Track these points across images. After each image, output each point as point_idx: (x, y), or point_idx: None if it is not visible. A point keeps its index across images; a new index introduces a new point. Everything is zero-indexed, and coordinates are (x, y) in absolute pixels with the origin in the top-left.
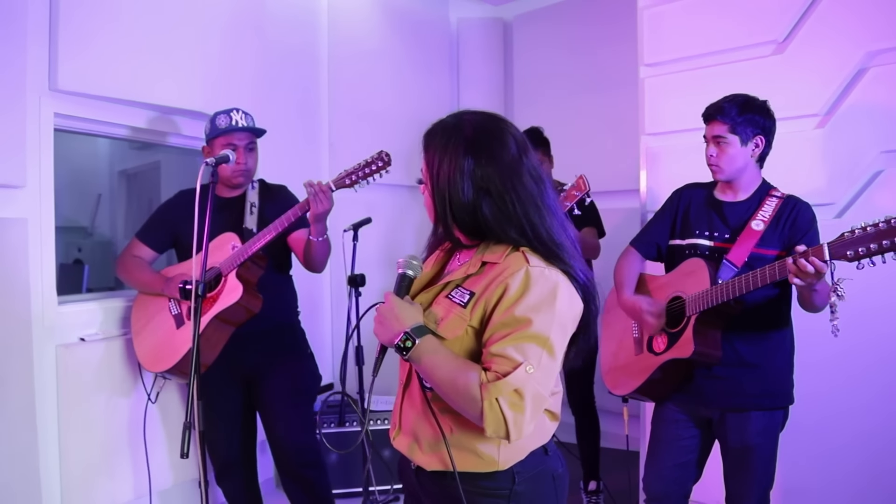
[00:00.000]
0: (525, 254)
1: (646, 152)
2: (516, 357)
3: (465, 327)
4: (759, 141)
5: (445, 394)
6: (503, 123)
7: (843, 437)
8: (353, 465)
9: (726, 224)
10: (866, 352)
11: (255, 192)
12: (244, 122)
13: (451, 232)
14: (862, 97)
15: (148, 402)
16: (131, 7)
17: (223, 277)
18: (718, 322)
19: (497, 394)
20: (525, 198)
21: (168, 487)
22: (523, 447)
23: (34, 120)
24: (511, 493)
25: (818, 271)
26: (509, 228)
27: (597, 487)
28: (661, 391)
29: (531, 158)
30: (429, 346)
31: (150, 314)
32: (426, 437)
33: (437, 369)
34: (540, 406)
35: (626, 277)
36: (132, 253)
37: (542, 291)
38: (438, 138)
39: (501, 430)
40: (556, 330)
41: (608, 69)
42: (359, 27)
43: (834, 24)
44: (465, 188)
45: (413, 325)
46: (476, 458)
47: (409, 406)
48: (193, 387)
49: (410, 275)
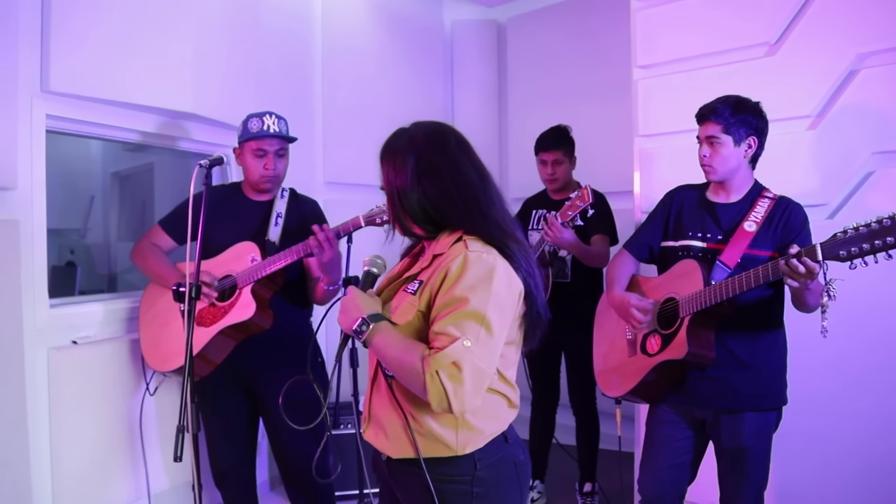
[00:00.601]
0: (465, 241)
1: (639, 154)
2: (454, 333)
3: (415, 312)
4: (751, 142)
5: (396, 372)
6: (446, 127)
7: (837, 437)
8: (347, 468)
9: (719, 225)
10: (860, 353)
11: (283, 201)
12: (276, 128)
13: (408, 227)
14: (854, 99)
15: (144, 399)
16: (124, 9)
17: (238, 290)
18: (712, 323)
19: (436, 366)
20: (463, 182)
21: (164, 490)
22: (480, 432)
23: (26, 121)
24: (473, 478)
25: (810, 271)
26: (449, 207)
27: (592, 489)
28: (654, 392)
29: (473, 157)
30: (381, 329)
31: (159, 310)
32: (392, 426)
33: (388, 349)
34: (481, 380)
35: (616, 276)
36: (151, 240)
37: (478, 272)
38: (388, 147)
39: (444, 402)
40: (494, 308)
41: (602, 71)
42: (353, 29)
43: (826, 26)
44: (410, 179)
45: (370, 313)
46: (436, 443)
47: (376, 399)
48: (186, 390)
49: (374, 272)
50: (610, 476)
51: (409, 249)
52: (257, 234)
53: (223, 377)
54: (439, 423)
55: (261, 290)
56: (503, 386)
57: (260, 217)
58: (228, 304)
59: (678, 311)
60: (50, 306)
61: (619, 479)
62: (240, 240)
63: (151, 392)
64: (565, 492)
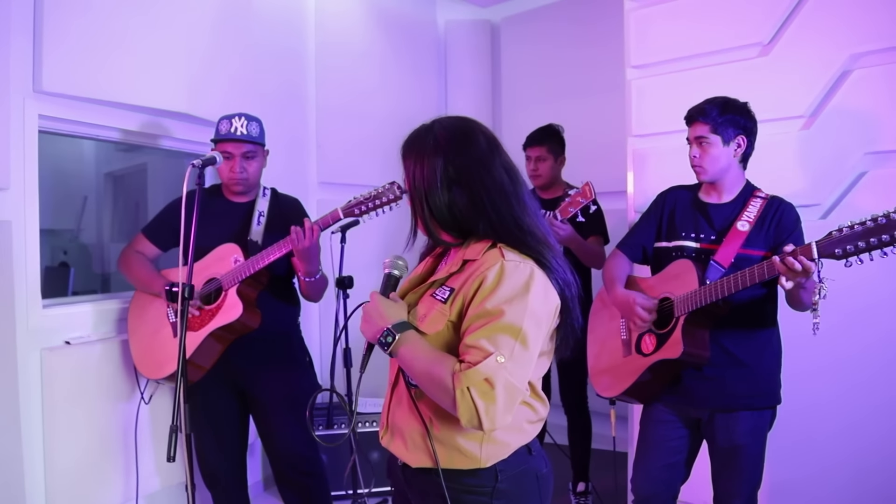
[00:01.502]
0: (501, 249)
1: (633, 154)
2: (488, 347)
3: (445, 322)
4: (741, 141)
5: (423, 385)
6: (473, 123)
7: (831, 437)
8: (340, 467)
9: (712, 225)
10: (855, 355)
11: (265, 200)
12: (244, 131)
13: (435, 233)
14: (846, 99)
15: (140, 404)
16: (117, 8)
17: (224, 292)
18: (707, 322)
19: (468, 383)
20: (494, 188)
21: (156, 491)
22: (506, 445)
23: (18, 122)
24: (494, 490)
25: (806, 269)
26: (480, 218)
27: (585, 489)
28: (649, 392)
29: (503, 155)
30: (408, 340)
31: (147, 318)
32: (411, 435)
33: (415, 361)
34: (514, 396)
35: (615, 275)
36: (135, 248)
37: (515, 284)
38: (413, 145)
39: (474, 420)
40: (530, 321)
41: (595, 71)
42: (346, 29)
43: (818, 26)
44: (439, 185)
45: (395, 322)
46: (459, 455)
47: (396, 406)
48: (180, 390)
49: (396, 274)
50: (604, 476)
51: (432, 249)
52: (240, 235)
53: (213, 379)
54: (464, 437)
55: (246, 290)
56: (535, 400)
57: (241, 218)
58: (215, 307)
59: (673, 311)
60: (43, 307)
61: (614, 479)
62: (222, 242)
63: (147, 401)
64: (559, 492)
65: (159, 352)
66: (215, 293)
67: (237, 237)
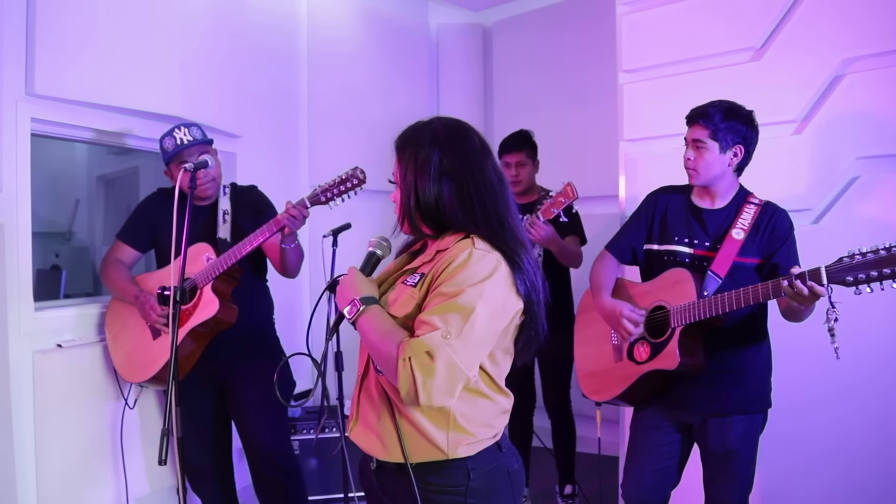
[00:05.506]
0: (474, 239)
1: (625, 158)
2: (437, 323)
3: (414, 305)
4: (737, 150)
5: (374, 355)
6: (468, 126)
7: (821, 441)
8: (332, 470)
9: (706, 231)
10: (845, 360)
11: (226, 198)
12: (189, 137)
13: (416, 223)
14: (839, 104)
15: (125, 409)
16: (109, 11)
17: (199, 290)
18: (703, 333)
19: (410, 353)
20: (483, 185)
21: (145, 494)
22: (471, 434)
23: (11, 125)
24: (468, 489)
25: (815, 295)
26: (464, 212)
27: (573, 491)
28: (640, 397)
29: (494, 160)
30: (370, 311)
31: (126, 323)
32: (380, 425)
33: (371, 332)
34: (455, 376)
35: (603, 280)
36: (114, 256)
37: (479, 270)
38: (409, 136)
39: (411, 392)
40: (484, 307)
41: (587, 75)
42: (338, 33)
43: (811, 30)
44: (431, 175)
45: (363, 295)
46: (426, 445)
47: (365, 397)
48: (171, 394)
49: (378, 254)
50: (591, 479)
51: (408, 247)
52: (208, 235)
53: (194, 380)
54: (429, 420)
55: (221, 286)
56: (495, 393)
57: (208, 220)
58: (192, 306)
59: (669, 321)
60: (35, 310)
61: (599, 483)
62: (191, 244)
63: (131, 406)
64: (546, 494)
65: (140, 355)
66: (190, 292)
67: (207, 238)
